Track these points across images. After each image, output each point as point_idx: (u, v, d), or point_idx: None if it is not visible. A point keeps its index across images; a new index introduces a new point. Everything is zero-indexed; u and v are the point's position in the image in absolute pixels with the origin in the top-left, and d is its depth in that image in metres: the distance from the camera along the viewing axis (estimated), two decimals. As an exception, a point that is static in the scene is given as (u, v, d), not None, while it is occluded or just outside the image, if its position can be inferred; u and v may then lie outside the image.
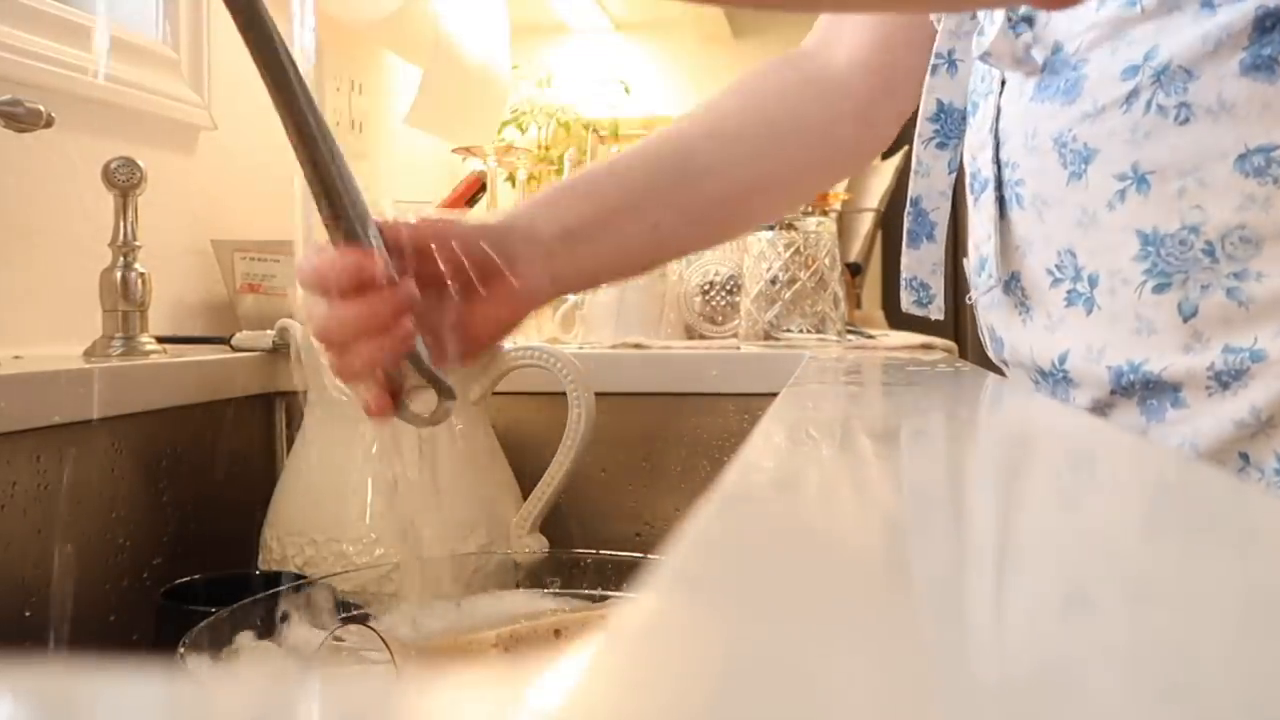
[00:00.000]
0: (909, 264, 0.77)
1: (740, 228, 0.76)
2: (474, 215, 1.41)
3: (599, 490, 1.02)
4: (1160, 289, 0.58)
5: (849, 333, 1.23)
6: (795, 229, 1.19)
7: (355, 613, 0.71)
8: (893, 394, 0.65)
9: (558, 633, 0.70)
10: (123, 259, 0.90)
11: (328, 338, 0.54)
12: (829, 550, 0.24)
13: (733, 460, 0.33)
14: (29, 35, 0.95)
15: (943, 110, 0.75)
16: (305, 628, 0.68)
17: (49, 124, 0.82)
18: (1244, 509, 0.28)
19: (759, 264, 1.19)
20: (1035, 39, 0.64)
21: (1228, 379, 0.57)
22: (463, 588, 0.77)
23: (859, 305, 1.91)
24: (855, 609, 0.19)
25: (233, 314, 1.13)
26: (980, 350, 0.79)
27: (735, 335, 1.23)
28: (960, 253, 0.76)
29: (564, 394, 0.86)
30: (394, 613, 0.71)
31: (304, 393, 0.87)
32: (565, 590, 0.78)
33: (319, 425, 0.87)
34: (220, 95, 1.20)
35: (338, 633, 0.65)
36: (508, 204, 1.44)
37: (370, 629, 0.63)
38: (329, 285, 0.52)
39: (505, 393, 0.92)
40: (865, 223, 1.93)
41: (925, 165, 0.75)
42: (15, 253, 0.94)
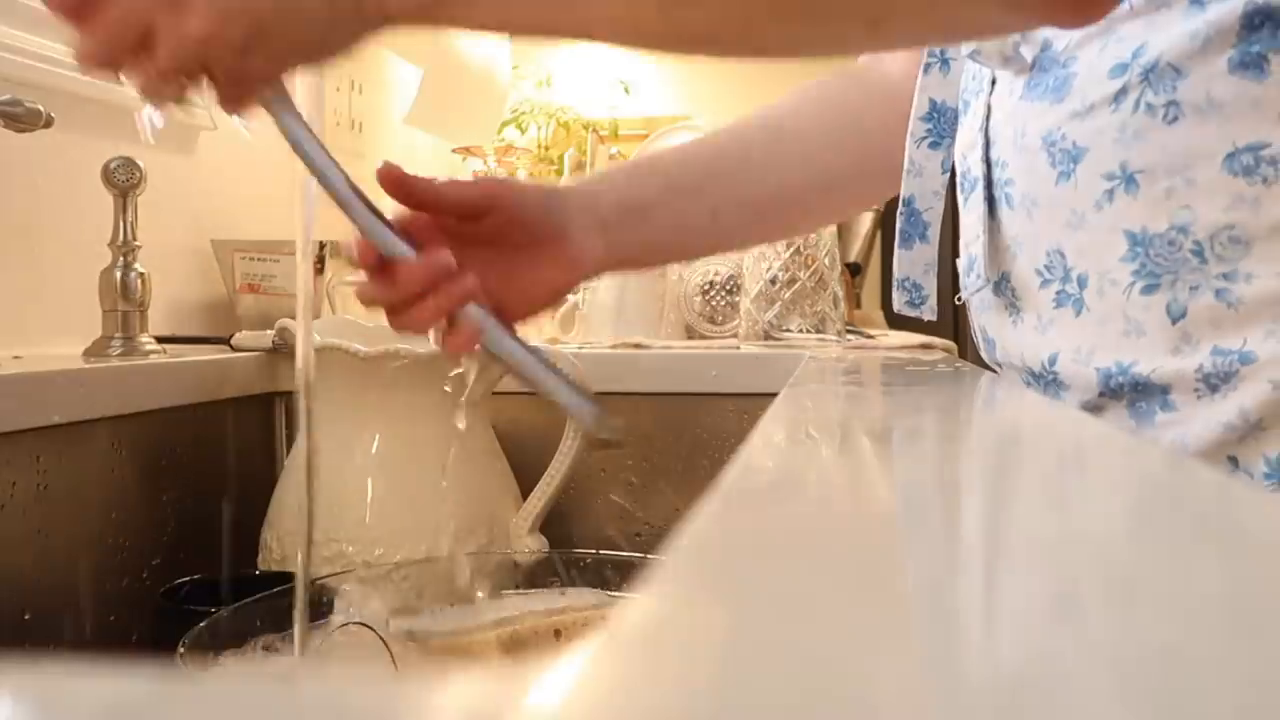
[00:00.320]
0: (901, 264, 0.77)
1: (799, 226, 0.77)
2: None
3: (599, 490, 1.02)
4: (1149, 290, 0.58)
5: (848, 333, 1.23)
6: (795, 229, 1.19)
7: (355, 613, 0.71)
8: (892, 394, 0.65)
9: (558, 633, 0.70)
10: (122, 259, 0.90)
11: (372, 305, 0.58)
12: (828, 550, 0.24)
13: (733, 460, 0.33)
14: (29, 35, 0.95)
15: (935, 109, 0.75)
16: (305, 628, 0.68)
17: (49, 124, 0.82)
18: (1239, 508, 0.28)
19: (759, 264, 1.19)
20: (1024, 37, 0.64)
21: (1216, 381, 0.56)
22: (463, 588, 0.77)
23: (859, 305, 1.91)
24: (856, 609, 0.19)
25: (232, 314, 1.13)
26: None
27: (735, 335, 1.23)
28: (958, 253, 0.75)
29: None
30: (394, 613, 0.71)
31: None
32: (565, 590, 0.78)
33: (319, 425, 0.87)
34: (220, 95, 1.20)
35: (338, 633, 0.65)
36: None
37: (370, 629, 0.63)
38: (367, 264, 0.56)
39: (505, 393, 0.92)
40: (865, 223, 1.94)
41: (918, 165, 0.75)
42: (15, 253, 0.94)
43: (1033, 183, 0.63)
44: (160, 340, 0.93)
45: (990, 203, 0.67)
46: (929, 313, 0.77)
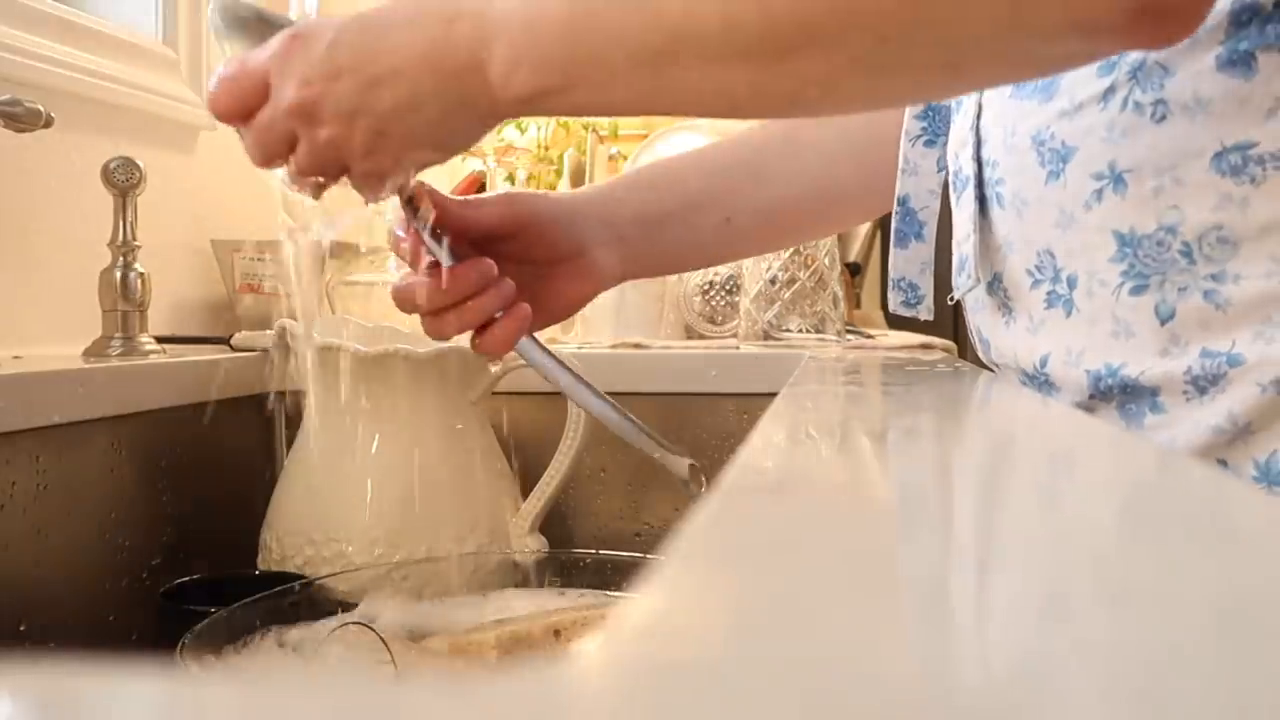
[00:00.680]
0: (897, 264, 0.76)
1: (813, 233, 0.79)
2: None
3: (599, 490, 1.02)
4: (1137, 291, 0.57)
5: (848, 333, 1.23)
6: (795, 229, 1.19)
7: (355, 613, 0.71)
8: (892, 394, 0.65)
9: (558, 633, 0.70)
10: (122, 259, 0.90)
11: (413, 311, 0.62)
12: (828, 551, 0.24)
13: (733, 460, 0.33)
14: (29, 35, 0.95)
15: (930, 107, 0.75)
16: (305, 628, 0.68)
17: (48, 124, 0.82)
18: (1235, 508, 0.28)
19: (758, 264, 1.19)
20: None
21: (1205, 384, 0.55)
22: (463, 588, 0.77)
23: (858, 305, 1.91)
24: (855, 609, 0.19)
25: (232, 314, 1.13)
26: (980, 350, 0.79)
27: (735, 335, 1.23)
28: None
29: (564, 394, 0.86)
30: (394, 613, 0.71)
31: (304, 393, 0.87)
32: (565, 590, 0.78)
33: (319, 425, 0.87)
34: (220, 95, 1.20)
35: (337, 633, 0.65)
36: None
37: (370, 629, 0.63)
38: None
39: (505, 393, 0.92)
40: (864, 223, 1.93)
41: (912, 163, 0.75)
42: (15, 253, 0.94)
43: (1023, 182, 0.62)
44: (160, 340, 0.93)
45: (981, 202, 0.66)
46: (926, 312, 0.77)
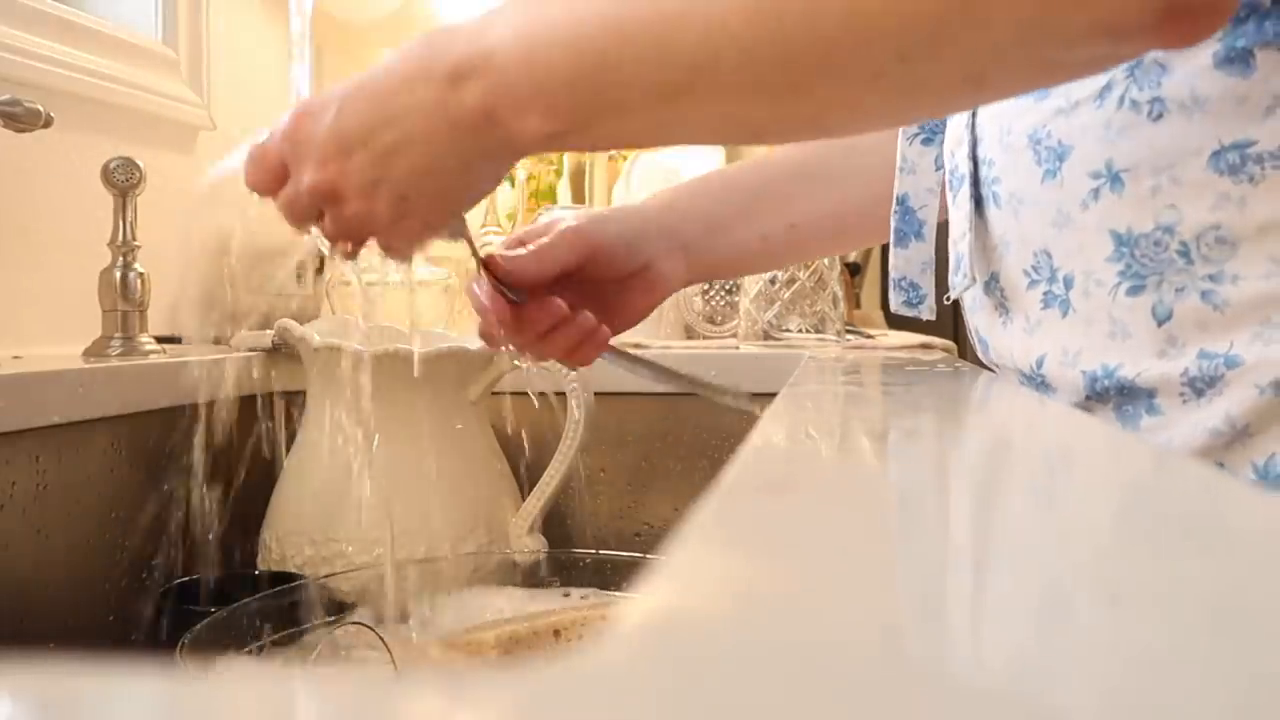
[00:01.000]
0: (897, 264, 0.76)
1: (877, 234, 0.78)
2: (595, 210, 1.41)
3: (599, 490, 1.02)
4: (1134, 291, 0.57)
5: (848, 332, 1.23)
6: (795, 229, 1.19)
7: (355, 613, 0.71)
8: (892, 394, 0.65)
9: (558, 633, 0.70)
10: (122, 259, 0.90)
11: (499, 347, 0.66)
12: (828, 551, 0.24)
13: (733, 460, 0.33)
14: (29, 35, 0.95)
15: None
16: (304, 628, 0.68)
17: (48, 124, 0.82)
18: (1232, 508, 0.28)
19: (758, 264, 1.19)
20: None
21: (1202, 386, 0.55)
22: (462, 587, 0.77)
23: (858, 305, 1.91)
24: (856, 609, 0.19)
25: (232, 314, 1.13)
26: (980, 350, 0.79)
27: (734, 335, 1.23)
28: None
29: (564, 394, 0.86)
30: (394, 613, 0.71)
31: (304, 392, 0.87)
32: (565, 590, 0.78)
33: (319, 425, 0.87)
34: (219, 95, 1.20)
35: (337, 633, 0.65)
36: (507, 204, 1.44)
37: (370, 629, 0.63)
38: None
39: (505, 393, 0.92)
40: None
41: (910, 162, 0.74)
42: (15, 253, 0.94)
43: (1019, 181, 0.62)
44: (160, 340, 0.93)
45: (977, 201, 0.66)
46: (927, 312, 0.77)
